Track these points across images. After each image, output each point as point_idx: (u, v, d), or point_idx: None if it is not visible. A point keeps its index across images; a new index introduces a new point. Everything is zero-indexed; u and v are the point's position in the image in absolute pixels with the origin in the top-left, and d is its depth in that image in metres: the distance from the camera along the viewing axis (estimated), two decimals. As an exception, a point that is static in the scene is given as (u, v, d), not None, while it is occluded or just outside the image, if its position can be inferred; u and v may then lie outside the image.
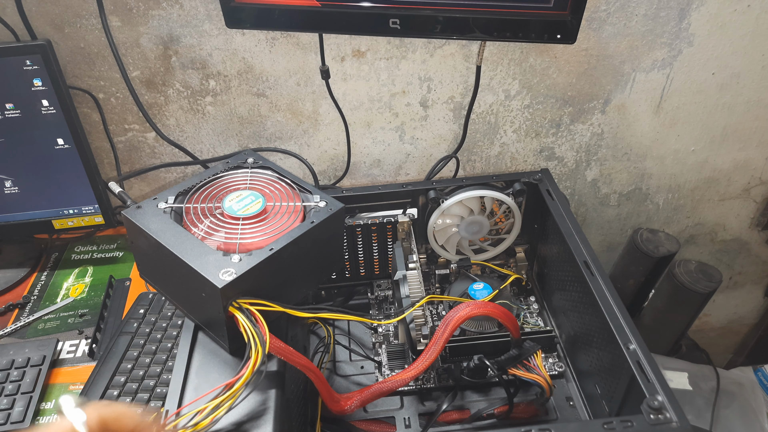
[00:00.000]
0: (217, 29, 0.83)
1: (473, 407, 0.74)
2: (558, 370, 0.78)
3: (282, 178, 0.69)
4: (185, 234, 0.58)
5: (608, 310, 0.65)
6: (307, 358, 0.58)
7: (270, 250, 0.57)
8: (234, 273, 0.53)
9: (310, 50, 0.86)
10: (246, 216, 0.61)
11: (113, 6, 0.80)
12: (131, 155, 0.97)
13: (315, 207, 0.64)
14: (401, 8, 0.69)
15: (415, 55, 0.88)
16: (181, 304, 0.63)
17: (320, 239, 0.63)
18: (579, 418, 0.73)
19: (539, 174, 0.86)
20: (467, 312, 0.66)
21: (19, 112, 0.80)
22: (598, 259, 0.71)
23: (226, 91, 0.90)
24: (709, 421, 1.05)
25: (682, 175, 1.09)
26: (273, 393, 0.56)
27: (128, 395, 0.75)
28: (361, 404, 0.64)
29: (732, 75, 0.93)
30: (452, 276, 0.90)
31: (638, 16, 0.85)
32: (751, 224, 1.20)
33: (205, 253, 0.55)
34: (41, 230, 0.92)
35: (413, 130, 0.97)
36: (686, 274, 1.03)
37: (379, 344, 0.84)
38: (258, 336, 0.53)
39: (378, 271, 0.92)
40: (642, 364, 0.59)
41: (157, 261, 0.60)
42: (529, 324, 0.86)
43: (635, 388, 0.58)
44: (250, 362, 0.52)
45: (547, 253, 0.86)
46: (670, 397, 0.55)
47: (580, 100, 0.95)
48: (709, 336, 1.48)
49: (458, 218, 0.86)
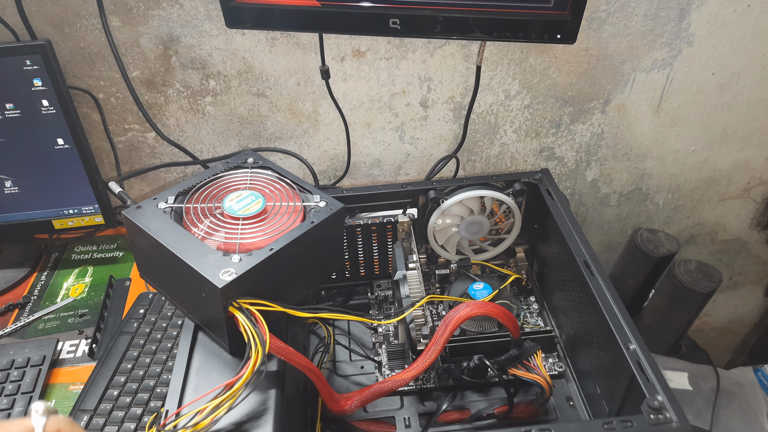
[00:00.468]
0: (217, 29, 0.83)
1: (473, 407, 0.74)
2: (558, 370, 0.78)
3: (282, 178, 0.69)
4: (185, 234, 0.58)
5: (608, 310, 0.65)
6: (307, 358, 0.58)
7: (270, 250, 0.57)
8: (234, 273, 0.53)
9: (310, 50, 0.86)
10: (246, 216, 0.61)
11: (113, 6, 0.80)
12: (131, 155, 0.97)
13: (315, 207, 0.64)
14: (401, 8, 0.69)
15: (415, 55, 0.88)
16: (181, 304, 0.63)
17: (320, 239, 0.63)
18: (579, 418, 0.73)
19: (539, 174, 0.86)
20: (467, 312, 0.66)
21: (19, 112, 0.80)
22: (598, 259, 0.71)
23: (226, 91, 0.90)
24: (709, 421, 1.05)
25: (682, 175, 1.09)
26: (273, 393, 0.56)
27: (128, 395, 0.75)
28: (361, 404, 0.64)
29: (732, 75, 0.93)
30: (452, 276, 0.90)
31: (638, 16, 0.85)
32: (751, 224, 1.20)
33: (205, 253, 0.55)
34: (41, 230, 0.92)
35: (413, 130, 0.97)
36: (686, 274, 1.03)
37: (379, 344, 0.84)
38: (258, 336, 0.53)
39: (378, 271, 0.92)
40: (642, 364, 0.59)
41: (157, 261, 0.60)
42: (529, 324, 0.86)
43: (635, 388, 0.58)
44: (250, 362, 0.52)
45: (547, 253, 0.86)
46: (670, 397, 0.55)
47: (580, 100, 0.95)
48: (709, 336, 1.48)
49: (458, 218, 0.86)
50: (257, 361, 0.52)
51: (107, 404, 0.75)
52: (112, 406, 0.74)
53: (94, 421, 0.73)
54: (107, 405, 0.74)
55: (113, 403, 0.75)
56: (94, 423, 0.73)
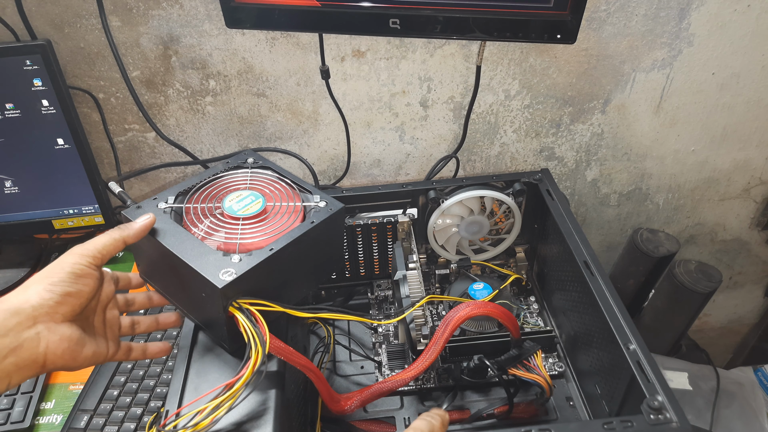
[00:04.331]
0: (217, 29, 0.83)
1: (473, 407, 0.74)
2: (558, 370, 0.78)
3: (282, 178, 0.69)
4: (185, 234, 0.58)
5: (608, 310, 0.65)
6: (307, 358, 0.58)
7: (270, 250, 0.56)
8: (234, 273, 0.53)
9: (310, 50, 0.86)
10: (246, 216, 0.61)
11: (113, 6, 0.80)
12: (131, 155, 0.97)
13: (315, 207, 0.64)
14: (401, 8, 0.69)
15: (415, 55, 0.88)
16: (181, 304, 0.63)
17: (320, 239, 0.63)
18: (579, 418, 0.73)
19: (539, 174, 0.86)
20: (467, 312, 0.66)
21: (19, 112, 0.80)
22: (598, 259, 0.71)
23: (226, 91, 0.90)
24: (709, 421, 1.05)
25: (682, 175, 1.09)
26: (273, 393, 0.56)
27: (128, 395, 0.75)
28: (361, 404, 0.64)
29: (732, 75, 0.93)
30: (452, 276, 0.90)
31: (638, 16, 0.85)
32: (751, 224, 1.20)
33: (205, 253, 0.55)
34: (41, 230, 0.92)
35: (413, 130, 0.97)
36: (686, 274, 1.03)
37: (379, 344, 0.84)
38: (258, 336, 0.53)
39: (378, 271, 0.92)
40: (642, 364, 0.59)
41: (157, 261, 0.60)
42: (529, 324, 0.86)
43: (635, 388, 0.58)
44: (250, 362, 0.51)
45: (547, 253, 0.86)
46: (670, 397, 0.56)
47: (580, 100, 0.95)
48: (709, 336, 1.48)
49: (458, 218, 0.86)
50: (257, 362, 0.51)
51: (107, 404, 0.75)
52: (112, 406, 0.74)
53: (94, 421, 0.73)
54: (107, 405, 0.74)
55: (113, 403, 0.75)
56: (94, 423, 0.73)
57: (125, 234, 0.55)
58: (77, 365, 0.50)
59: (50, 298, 0.48)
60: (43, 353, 0.47)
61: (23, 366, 0.46)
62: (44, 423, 0.75)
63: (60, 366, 0.49)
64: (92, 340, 0.52)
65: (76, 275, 0.50)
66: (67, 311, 0.49)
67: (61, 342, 0.48)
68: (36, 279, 0.49)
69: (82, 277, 0.51)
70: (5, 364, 0.45)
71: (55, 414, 0.76)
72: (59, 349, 0.48)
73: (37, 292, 0.48)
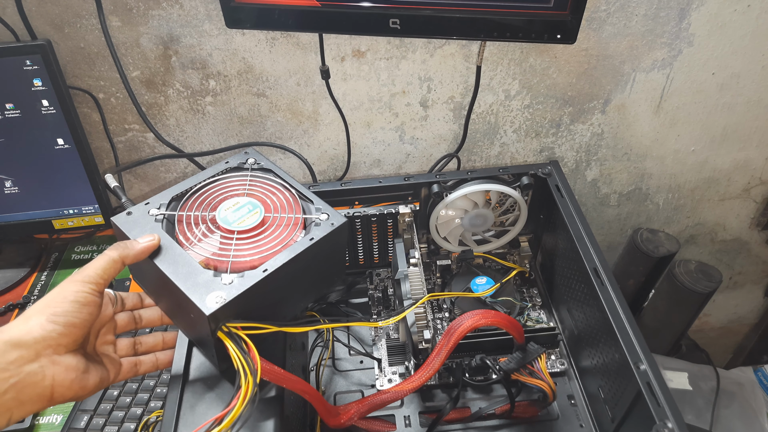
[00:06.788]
0: (217, 29, 0.83)
1: (474, 406, 0.74)
2: (560, 368, 0.78)
3: (283, 184, 0.65)
4: (175, 248, 0.54)
5: (619, 326, 0.62)
6: (302, 380, 0.55)
7: (264, 272, 0.53)
8: (223, 299, 0.50)
9: (310, 50, 0.86)
10: (241, 230, 0.58)
11: (113, 6, 0.80)
12: (131, 155, 0.97)
13: (316, 221, 0.60)
14: (401, 8, 0.69)
15: (415, 55, 0.88)
16: (172, 318, 0.61)
17: (320, 255, 0.60)
18: (580, 418, 0.73)
19: (549, 167, 0.83)
20: (472, 323, 0.65)
21: (19, 112, 0.80)
22: (608, 265, 0.69)
23: (226, 91, 0.90)
24: (709, 421, 1.05)
25: (682, 175, 1.09)
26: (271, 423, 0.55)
27: (128, 395, 0.75)
28: (360, 417, 0.63)
29: (732, 75, 0.93)
30: (453, 264, 0.89)
31: (638, 16, 0.85)
32: (751, 224, 1.20)
33: (195, 273, 0.52)
34: (41, 230, 0.92)
35: (413, 130, 0.97)
36: (686, 274, 1.03)
37: (378, 339, 0.83)
38: (248, 365, 0.49)
39: (378, 260, 0.91)
40: (653, 386, 0.56)
41: (147, 272, 0.57)
42: (532, 319, 0.85)
43: (642, 406, 0.57)
44: (240, 393, 0.49)
45: (552, 246, 0.84)
46: (680, 423, 0.53)
47: (580, 100, 0.95)
48: (709, 336, 1.48)
49: (462, 211, 0.84)
50: (248, 393, 0.48)
51: (107, 404, 0.75)
52: (112, 406, 0.74)
53: (94, 421, 0.73)
54: (107, 405, 0.74)
55: (113, 403, 0.75)
56: (94, 423, 0.73)
57: (124, 255, 0.53)
58: (86, 394, 0.49)
59: (53, 330, 0.46)
60: (49, 386, 0.45)
61: (26, 401, 0.44)
62: (44, 423, 0.75)
63: (69, 398, 0.47)
64: (96, 365, 0.51)
65: (80, 304, 0.48)
66: (70, 342, 0.47)
67: (68, 373, 0.46)
68: (37, 309, 0.47)
69: (85, 305, 0.49)
70: (5, 399, 0.42)
71: (55, 414, 0.76)
72: (67, 381, 0.46)
73: (40, 323, 0.46)
